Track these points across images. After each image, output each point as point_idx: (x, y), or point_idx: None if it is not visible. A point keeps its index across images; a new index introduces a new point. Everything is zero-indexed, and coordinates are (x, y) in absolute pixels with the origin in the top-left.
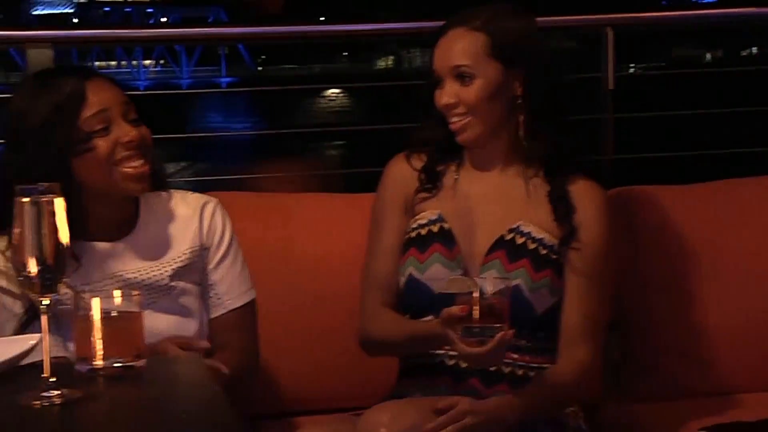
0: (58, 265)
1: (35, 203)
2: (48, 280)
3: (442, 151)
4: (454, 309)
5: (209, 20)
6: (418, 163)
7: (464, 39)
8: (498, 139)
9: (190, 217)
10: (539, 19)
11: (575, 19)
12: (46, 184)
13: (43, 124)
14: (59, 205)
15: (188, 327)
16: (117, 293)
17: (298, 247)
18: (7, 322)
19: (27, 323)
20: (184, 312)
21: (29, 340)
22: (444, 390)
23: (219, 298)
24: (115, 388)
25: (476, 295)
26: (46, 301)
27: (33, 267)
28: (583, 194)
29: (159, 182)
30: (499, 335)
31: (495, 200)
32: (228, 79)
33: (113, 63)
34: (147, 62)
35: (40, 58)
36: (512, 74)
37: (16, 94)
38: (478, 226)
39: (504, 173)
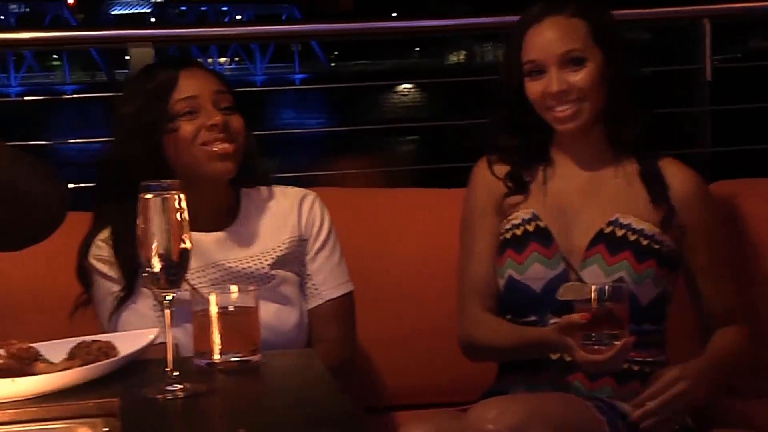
0: (182, 261)
1: (159, 199)
2: (172, 275)
3: (525, 158)
4: (575, 317)
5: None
6: (502, 169)
7: (567, 25)
8: (593, 128)
9: (290, 208)
10: (635, 11)
11: (672, 11)
12: (169, 180)
13: (138, 108)
14: (182, 201)
15: (288, 316)
16: (234, 288)
17: (393, 241)
18: (105, 301)
19: (123, 300)
20: (283, 301)
21: (148, 334)
22: (547, 385)
23: (316, 289)
24: (234, 382)
25: (594, 300)
26: (169, 297)
27: (157, 263)
28: (677, 174)
29: (260, 178)
30: (621, 342)
31: (589, 194)
32: (301, 76)
33: None
34: (222, 60)
35: (141, 56)
36: (607, 60)
37: (124, 87)
38: (575, 221)
39: (596, 166)
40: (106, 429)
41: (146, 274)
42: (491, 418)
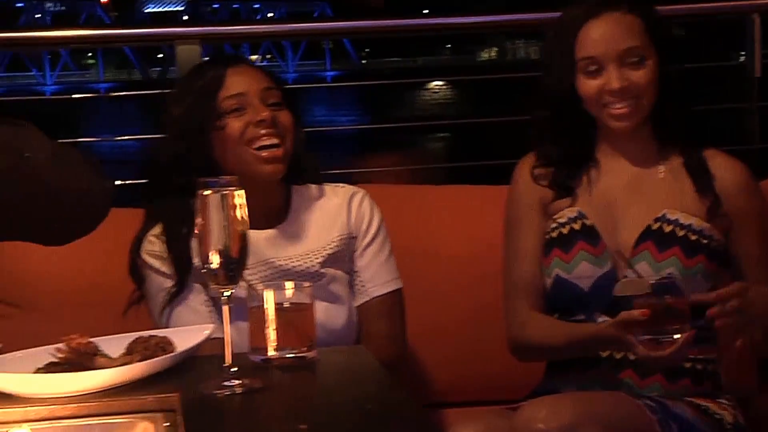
0: (241, 257)
1: (218, 195)
2: (231, 271)
3: (570, 156)
4: (635, 313)
5: (314, 15)
6: (545, 173)
7: (625, 22)
8: (641, 124)
9: (340, 206)
10: (683, 6)
11: (720, 6)
12: (227, 177)
13: (187, 107)
14: (241, 197)
15: (338, 314)
16: (289, 285)
17: (440, 237)
18: (157, 296)
19: (174, 296)
20: (333, 299)
21: (204, 329)
22: (597, 383)
23: (363, 285)
24: (290, 378)
25: (653, 295)
26: (227, 292)
27: (216, 259)
28: (722, 164)
29: (309, 175)
30: (682, 337)
31: (636, 190)
32: (332, 73)
33: None
34: (254, 57)
35: (188, 53)
36: (661, 57)
37: (175, 86)
38: (622, 218)
39: (642, 162)
40: (167, 424)
41: (205, 270)
42: (542, 418)
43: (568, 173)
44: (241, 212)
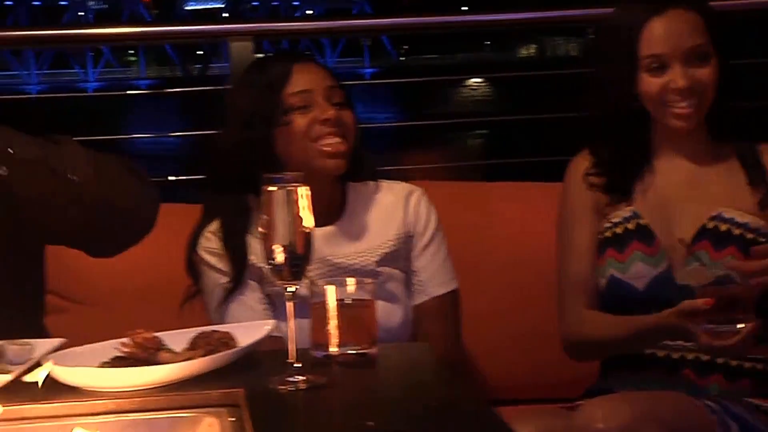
0: (306, 253)
1: (283, 191)
2: (296, 267)
3: (624, 156)
4: (699, 302)
5: (353, 12)
6: (599, 178)
7: (689, 19)
8: (699, 122)
9: (396, 204)
10: (733, 2)
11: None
12: (292, 173)
13: (251, 101)
14: (306, 193)
15: (394, 313)
16: (351, 281)
17: (495, 235)
18: (213, 293)
19: (230, 292)
20: (389, 298)
21: (264, 325)
22: (655, 383)
23: (422, 285)
24: (352, 374)
25: (717, 284)
26: (291, 289)
27: (281, 255)
28: None
29: (367, 172)
30: (746, 327)
31: (690, 189)
32: (371, 70)
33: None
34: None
35: (241, 50)
36: (721, 55)
37: (234, 80)
38: (676, 217)
39: (696, 160)
40: (232, 419)
41: (269, 266)
42: (601, 417)
43: (621, 173)
44: (306, 208)
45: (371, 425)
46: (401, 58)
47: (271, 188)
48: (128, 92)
